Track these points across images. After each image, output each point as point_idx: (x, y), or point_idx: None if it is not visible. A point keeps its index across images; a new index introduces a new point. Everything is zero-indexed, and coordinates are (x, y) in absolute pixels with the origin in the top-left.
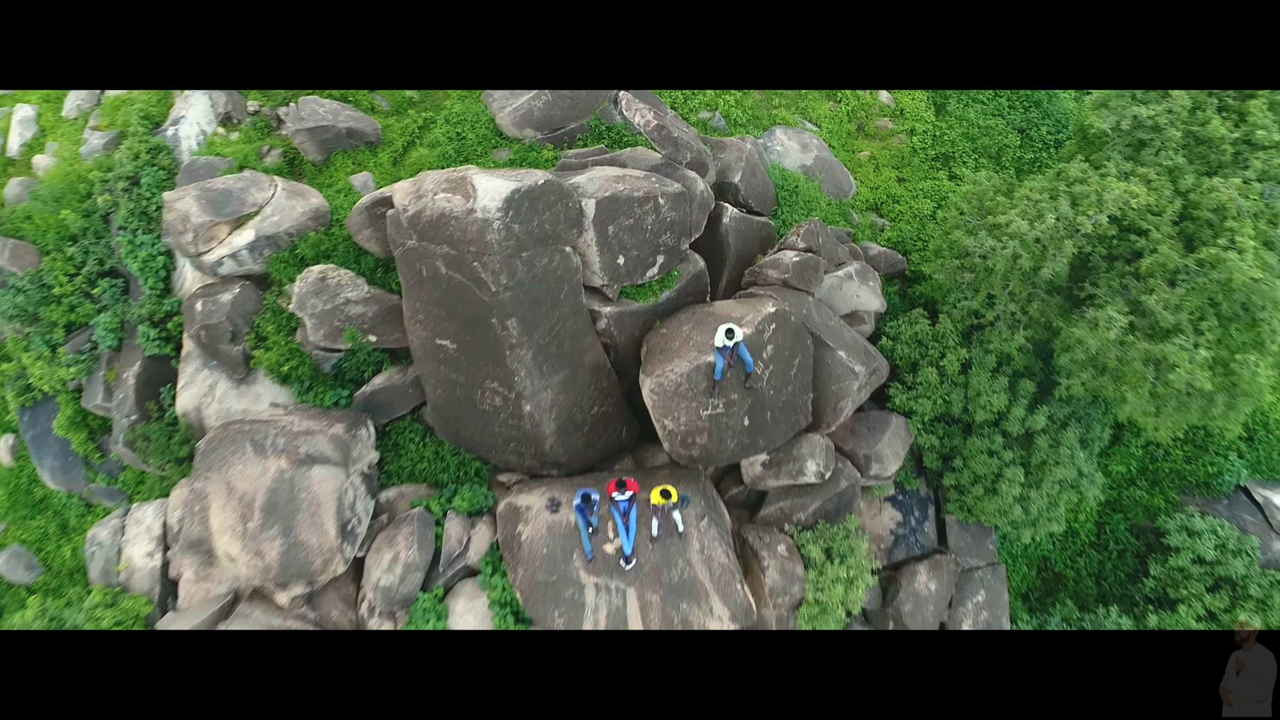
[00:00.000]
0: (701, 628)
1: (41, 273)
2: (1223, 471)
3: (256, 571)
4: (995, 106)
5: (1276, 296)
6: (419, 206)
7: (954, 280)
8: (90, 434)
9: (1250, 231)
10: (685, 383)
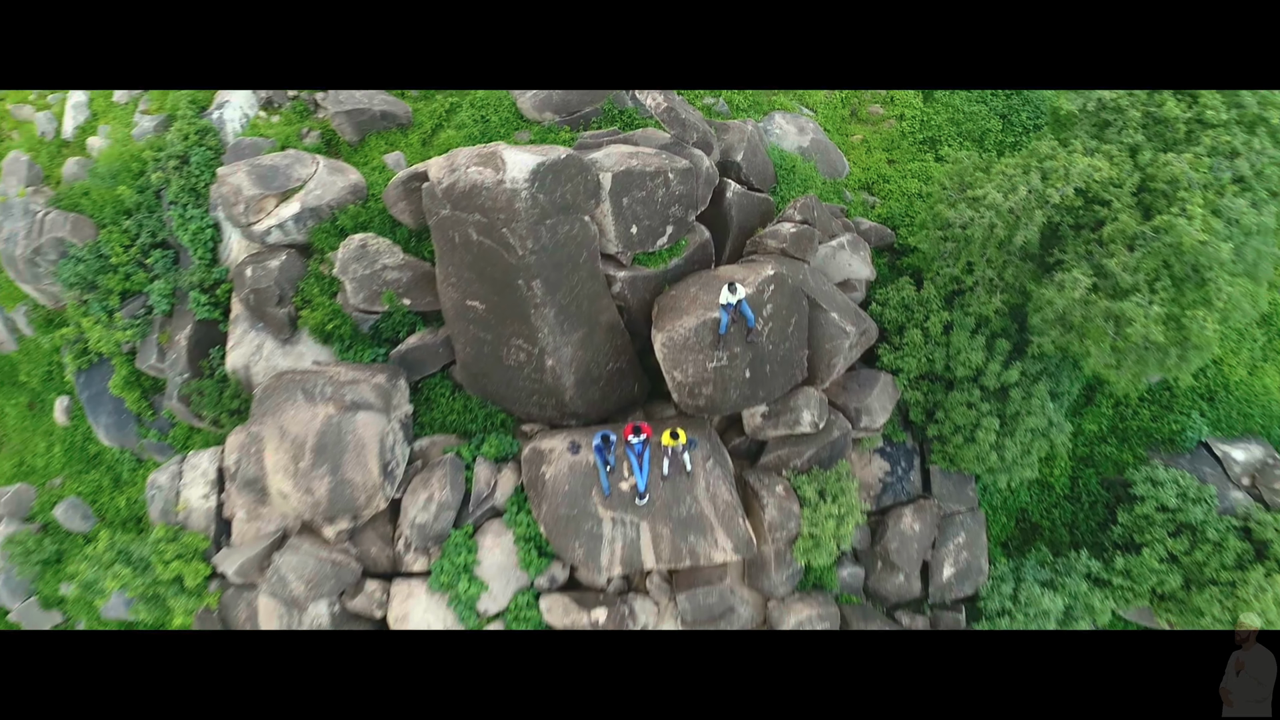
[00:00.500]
0: (708, 559)
1: (99, 244)
2: (1186, 429)
3: (307, 506)
4: (979, 94)
5: (1222, 257)
6: (453, 179)
7: (937, 249)
8: (143, 393)
9: (1199, 200)
10: (693, 336)
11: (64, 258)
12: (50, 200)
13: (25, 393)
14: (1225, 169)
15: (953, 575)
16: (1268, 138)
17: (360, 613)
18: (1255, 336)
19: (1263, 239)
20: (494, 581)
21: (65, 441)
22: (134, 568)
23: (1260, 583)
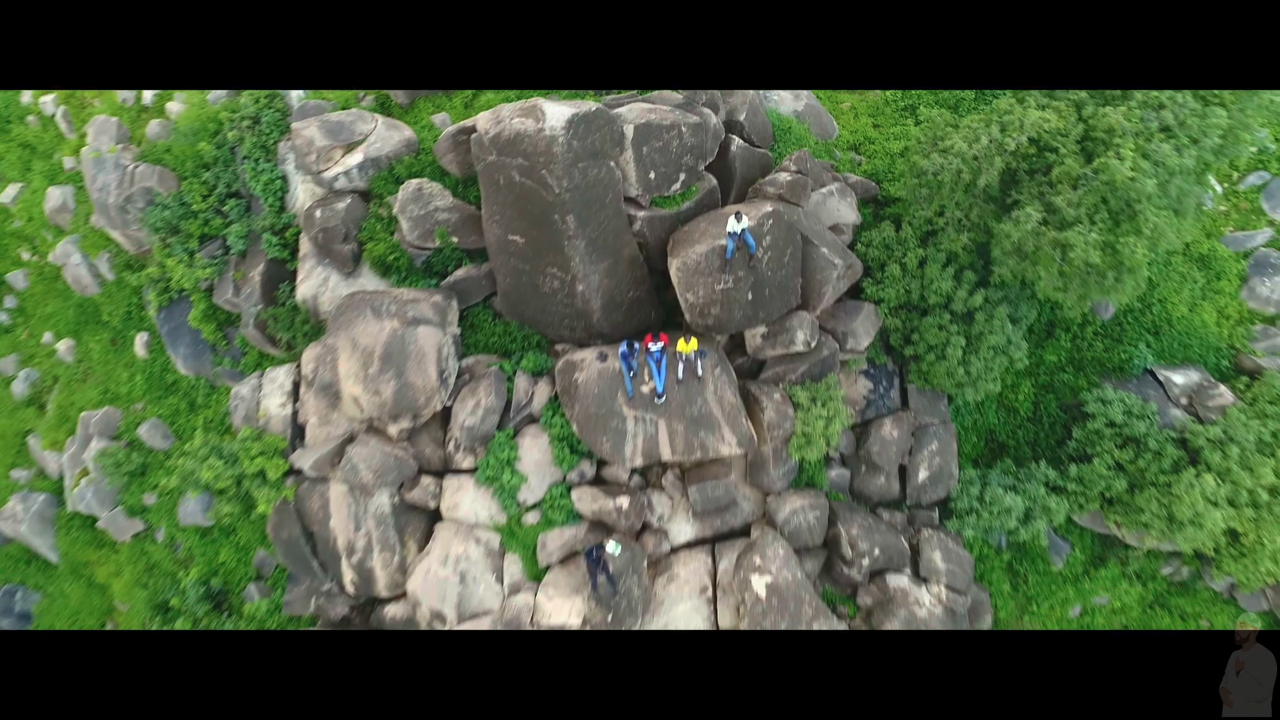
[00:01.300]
0: (715, 452)
1: (181, 193)
2: (1133, 358)
3: (375, 407)
4: None
5: (1148, 191)
6: (499, 129)
7: (914, 195)
8: (218, 325)
9: (1131, 146)
10: (704, 261)
11: (151, 205)
12: (137, 156)
13: (108, 330)
14: (1154, 120)
15: (927, 478)
16: (1190, 93)
17: (416, 503)
18: (1195, 278)
19: (1184, 178)
20: (532, 476)
21: (145, 372)
22: (225, 461)
23: (1190, 481)
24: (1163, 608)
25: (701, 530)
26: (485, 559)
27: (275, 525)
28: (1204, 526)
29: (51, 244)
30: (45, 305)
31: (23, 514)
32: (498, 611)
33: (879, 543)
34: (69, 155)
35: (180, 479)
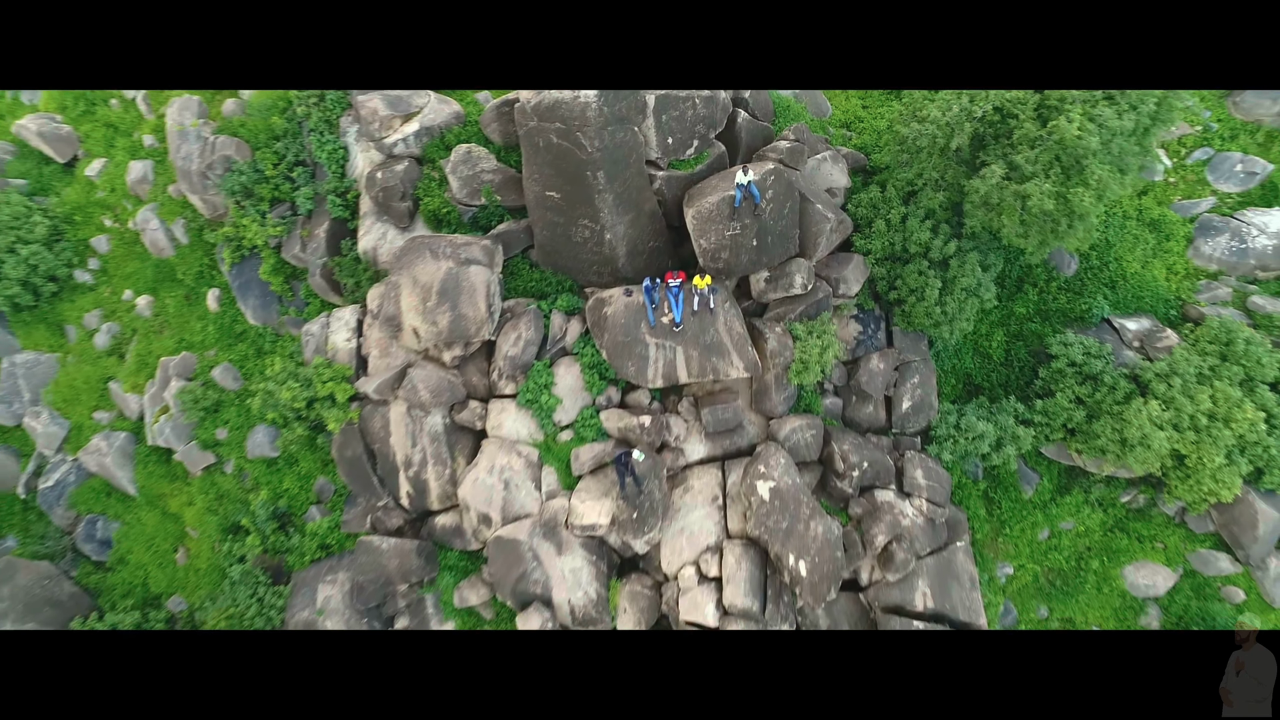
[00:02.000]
0: (725, 375)
1: (255, 161)
2: (1092, 309)
3: (432, 336)
4: None
5: (1093, 147)
6: (539, 99)
7: (896, 160)
8: (285, 279)
9: (1079, 111)
10: (715, 209)
11: (228, 171)
12: (216, 130)
13: (183, 287)
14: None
15: (910, 408)
16: None
17: (464, 424)
18: (1147, 240)
19: (1124, 139)
20: (566, 399)
21: (217, 323)
22: (300, 383)
23: (1138, 407)
24: (1121, 531)
25: (712, 449)
26: (526, 470)
27: (340, 445)
28: (1151, 447)
29: (131, 212)
30: (125, 266)
31: (106, 449)
32: (537, 514)
33: (868, 458)
34: (148, 134)
35: (262, 399)
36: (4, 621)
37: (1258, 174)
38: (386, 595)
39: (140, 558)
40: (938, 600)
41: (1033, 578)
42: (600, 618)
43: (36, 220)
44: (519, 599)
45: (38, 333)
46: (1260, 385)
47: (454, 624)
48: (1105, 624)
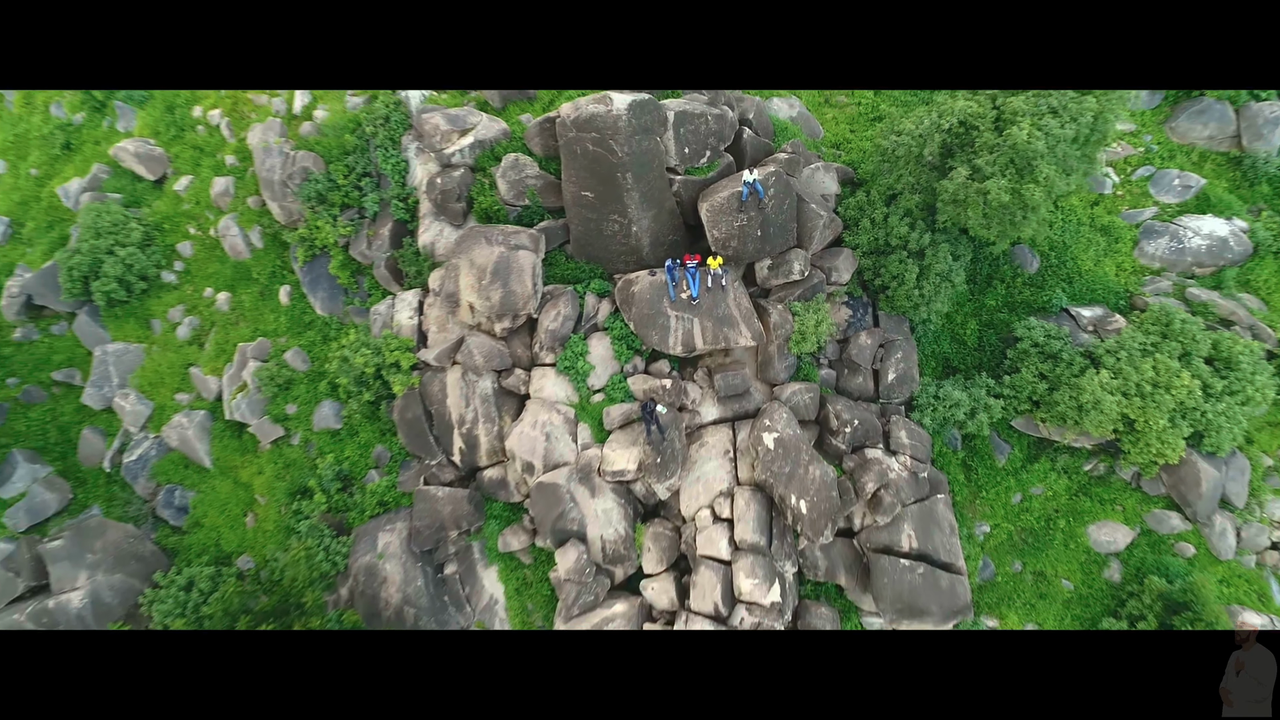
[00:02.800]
0: (735, 343)
1: (329, 173)
2: (1053, 300)
3: (486, 309)
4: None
5: (1040, 150)
6: (578, 113)
7: (878, 169)
8: (351, 274)
9: (1028, 121)
10: (726, 203)
11: (305, 181)
12: (294, 146)
13: (257, 285)
14: (1044, 104)
15: (894, 379)
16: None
17: (510, 389)
18: (1100, 242)
19: (1066, 145)
20: (598, 366)
21: (288, 314)
22: (371, 350)
23: (1091, 377)
24: (1085, 495)
25: (723, 412)
26: (564, 425)
27: (402, 408)
28: (1103, 411)
29: (213, 221)
30: (207, 268)
31: (187, 424)
32: (573, 462)
33: (858, 417)
34: (230, 155)
35: (338, 364)
36: (97, 572)
37: (1192, 187)
38: (439, 540)
39: (214, 521)
40: (921, 542)
41: (1007, 536)
42: (628, 554)
43: (132, 227)
44: (557, 536)
45: (128, 326)
46: (1196, 359)
47: (497, 567)
48: (1073, 577)
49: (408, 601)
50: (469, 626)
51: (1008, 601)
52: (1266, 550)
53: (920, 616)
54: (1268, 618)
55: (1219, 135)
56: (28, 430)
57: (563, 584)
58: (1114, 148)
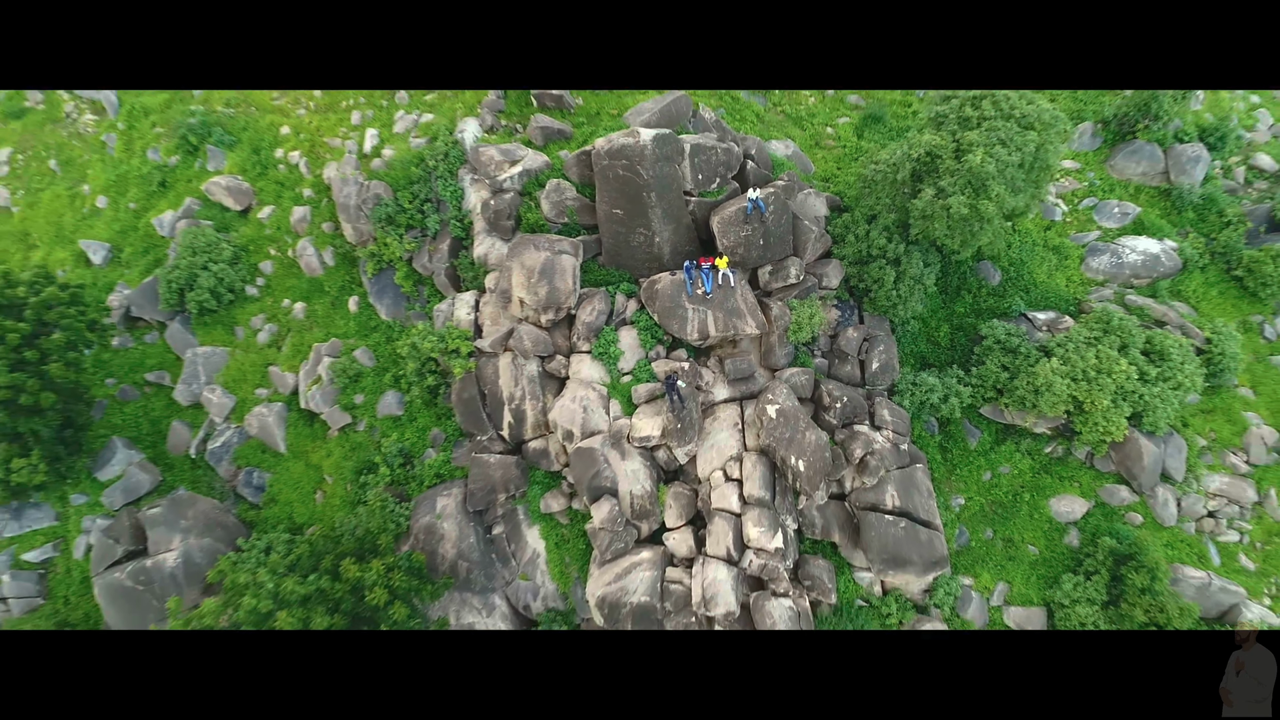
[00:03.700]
0: (741, 332)
1: (397, 198)
2: (1012, 306)
3: (534, 303)
4: (890, 133)
5: (991, 173)
6: (610, 144)
7: (861, 193)
8: (413, 284)
9: (981, 150)
10: (733, 216)
11: (377, 205)
12: (367, 177)
13: (329, 297)
14: (994, 136)
15: (878, 368)
16: (1014, 123)
17: (552, 372)
18: (1052, 259)
19: (1013, 169)
20: (626, 353)
21: (356, 320)
22: (437, 338)
23: (1043, 364)
24: (1046, 473)
25: (732, 392)
26: (598, 401)
27: (459, 389)
28: (1055, 392)
29: (291, 244)
30: (285, 282)
31: (267, 413)
32: (606, 431)
33: (847, 395)
34: (307, 188)
35: (408, 350)
36: (189, 536)
37: (1129, 214)
38: (489, 502)
39: (287, 497)
40: (903, 501)
41: (979, 508)
42: (652, 510)
43: (223, 247)
44: (593, 493)
45: (215, 332)
46: (1133, 350)
47: (539, 527)
48: (1037, 543)
49: (462, 556)
50: (513, 579)
51: (981, 563)
52: (1204, 518)
53: (904, 566)
54: (1205, 574)
55: (1150, 171)
56: (123, 423)
57: (598, 533)
58: (1063, 182)
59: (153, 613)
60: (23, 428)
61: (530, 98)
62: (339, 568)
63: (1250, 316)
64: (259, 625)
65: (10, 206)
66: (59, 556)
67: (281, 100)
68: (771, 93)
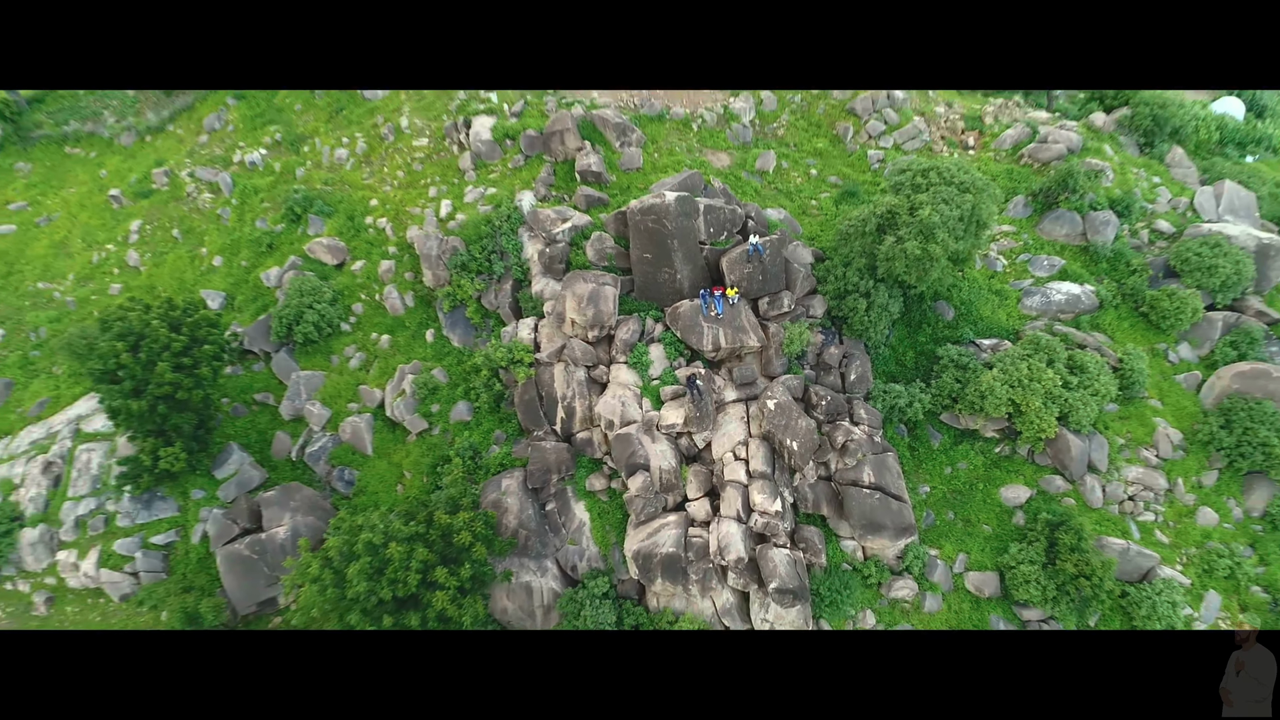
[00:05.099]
0: (747, 345)
1: (469, 250)
2: (963, 335)
3: (583, 322)
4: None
5: (937, 223)
6: (642, 204)
7: (838, 244)
8: (481, 316)
9: (929, 207)
10: (738, 257)
11: (453, 255)
12: (445, 234)
13: (408, 330)
14: (939, 196)
15: (855, 379)
16: (955, 187)
17: (596, 378)
18: (994, 300)
19: (954, 221)
20: (655, 363)
21: (432, 348)
22: (506, 349)
23: (986, 374)
24: (996, 468)
25: (739, 394)
26: (634, 398)
27: (521, 392)
28: (996, 395)
29: (379, 289)
30: (373, 320)
31: (359, 421)
32: (640, 420)
33: (831, 396)
34: (392, 246)
35: (482, 359)
36: (296, 514)
37: (1056, 265)
38: (544, 482)
39: (374, 489)
40: (877, 478)
41: (942, 495)
42: (677, 484)
43: (324, 290)
44: (630, 468)
45: (315, 359)
46: (1058, 364)
47: (584, 502)
48: (990, 522)
49: (521, 525)
50: (563, 545)
51: (944, 538)
52: (1125, 501)
53: (879, 531)
54: (1125, 543)
55: (1072, 233)
56: (236, 433)
57: (633, 500)
58: (1002, 241)
59: (263, 577)
60: (173, 421)
61: (575, 174)
62: (433, 517)
63: (1156, 344)
64: (375, 555)
65: (139, 266)
66: (179, 541)
67: (370, 179)
68: (766, 171)
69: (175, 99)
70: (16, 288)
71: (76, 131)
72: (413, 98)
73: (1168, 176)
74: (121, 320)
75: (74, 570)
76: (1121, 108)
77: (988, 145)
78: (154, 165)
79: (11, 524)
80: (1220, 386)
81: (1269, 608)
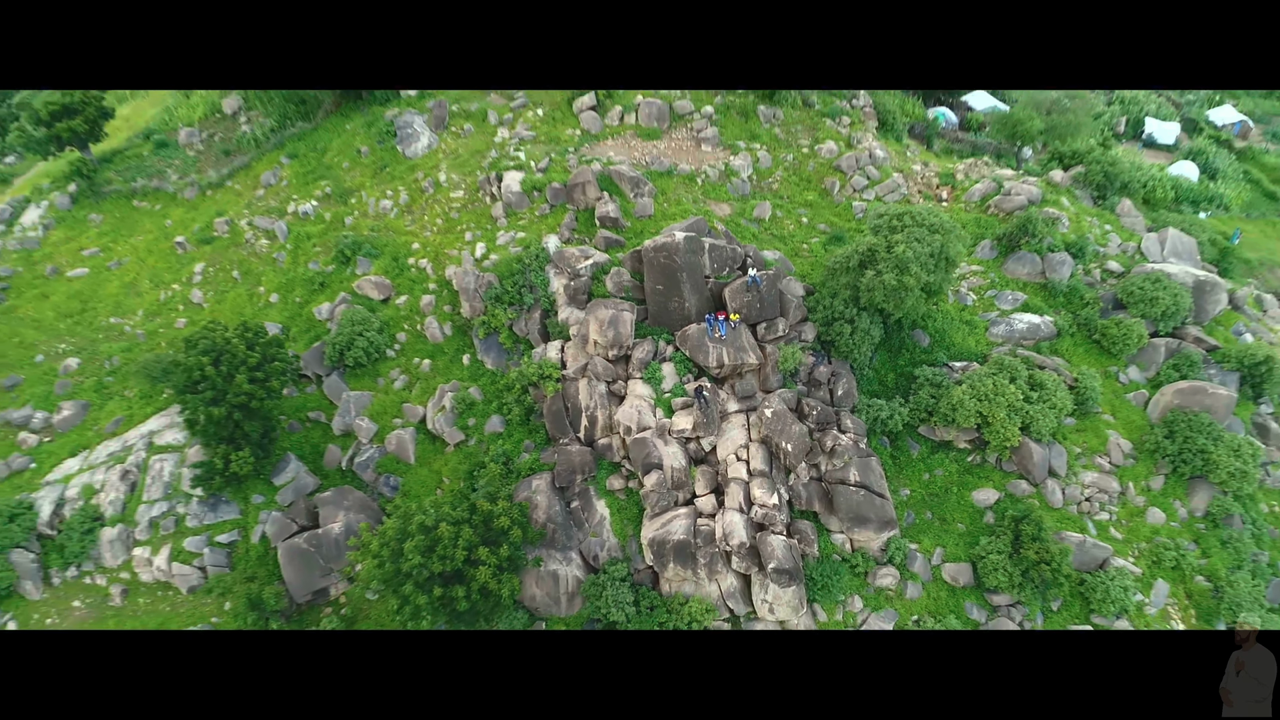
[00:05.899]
0: (747, 363)
1: (502, 283)
2: (938, 358)
3: (604, 342)
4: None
5: (910, 258)
6: (655, 243)
7: (825, 278)
8: (513, 342)
9: (904, 245)
10: (739, 288)
11: (488, 288)
12: (481, 270)
13: (447, 356)
14: (912, 236)
15: (842, 394)
16: (926, 229)
17: (615, 391)
18: (965, 329)
19: (926, 257)
20: (667, 378)
21: (469, 370)
22: (538, 366)
23: (956, 390)
24: (969, 474)
25: (740, 406)
26: (649, 408)
27: (550, 404)
28: (965, 408)
29: (420, 320)
30: (415, 347)
31: (404, 434)
32: (654, 426)
33: (820, 407)
34: (432, 283)
35: (516, 375)
36: (349, 513)
37: (1019, 299)
38: (570, 482)
39: (416, 493)
40: (862, 478)
41: (921, 497)
42: (686, 482)
43: (372, 320)
44: (645, 468)
45: (363, 381)
46: (1020, 380)
47: (605, 500)
48: (964, 521)
49: (549, 519)
50: (585, 539)
51: (923, 534)
52: (1082, 502)
53: (864, 524)
54: (1081, 536)
55: (1033, 271)
56: (291, 446)
57: (649, 494)
58: (972, 279)
59: (318, 569)
60: (245, 428)
61: (595, 220)
62: (475, 505)
63: (1109, 367)
64: (427, 534)
65: (202, 304)
66: (240, 540)
67: (412, 226)
68: (763, 219)
69: (234, 158)
70: (91, 322)
71: (144, 187)
72: (449, 156)
73: (1118, 224)
74: (206, 338)
75: (147, 565)
76: (1077, 165)
77: (959, 198)
78: (215, 215)
79: (93, 524)
80: (1164, 402)
81: (1210, 594)
